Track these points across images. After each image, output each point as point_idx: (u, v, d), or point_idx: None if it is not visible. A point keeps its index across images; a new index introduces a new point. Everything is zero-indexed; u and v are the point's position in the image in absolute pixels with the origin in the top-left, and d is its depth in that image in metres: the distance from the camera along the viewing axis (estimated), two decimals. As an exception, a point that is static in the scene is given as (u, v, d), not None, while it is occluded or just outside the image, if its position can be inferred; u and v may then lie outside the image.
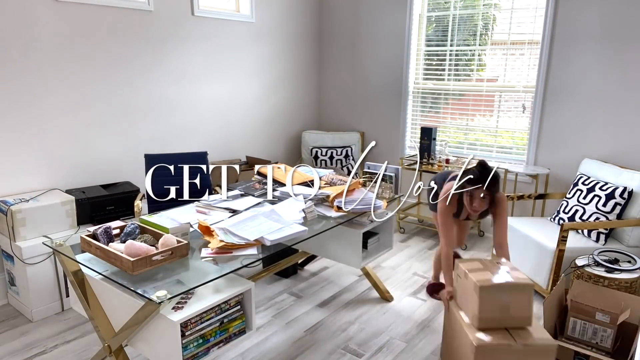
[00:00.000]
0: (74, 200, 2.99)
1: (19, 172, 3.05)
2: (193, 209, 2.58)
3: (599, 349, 2.38)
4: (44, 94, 3.09)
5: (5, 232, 2.86)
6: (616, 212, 3.04)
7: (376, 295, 3.22)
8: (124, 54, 3.46)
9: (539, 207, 4.05)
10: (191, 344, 1.83)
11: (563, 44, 3.70)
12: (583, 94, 3.69)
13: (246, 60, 4.38)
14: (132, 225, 2.10)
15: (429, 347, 2.63)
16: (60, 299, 2.97)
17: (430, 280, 3.29)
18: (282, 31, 4.68)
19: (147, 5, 3.52)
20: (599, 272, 2.72)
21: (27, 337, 2.70)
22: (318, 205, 2.62)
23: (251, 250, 2.05)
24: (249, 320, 2.03)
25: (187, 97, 3.95)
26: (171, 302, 1.85)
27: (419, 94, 4.62)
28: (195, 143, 4.08)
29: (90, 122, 3.35)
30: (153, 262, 1.86)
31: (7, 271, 3.00)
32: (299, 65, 4.95)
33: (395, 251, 3.97)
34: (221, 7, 4.13)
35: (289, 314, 2.96)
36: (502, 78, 4.12)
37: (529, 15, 3.89)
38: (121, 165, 3.58)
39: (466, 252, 3.94)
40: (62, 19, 3.09)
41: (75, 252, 2.06)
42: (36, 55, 3.01)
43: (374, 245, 2.94)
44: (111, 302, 1.99)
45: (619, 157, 3.61)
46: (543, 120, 3.91)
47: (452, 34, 4.31)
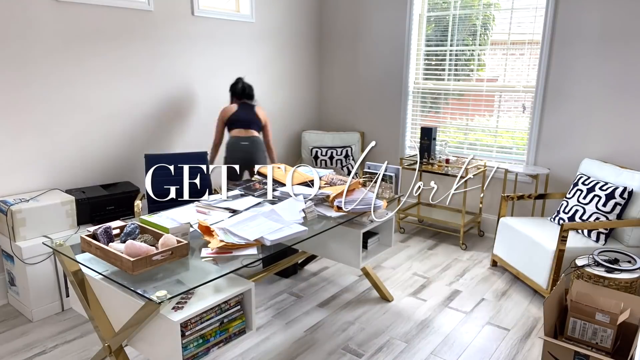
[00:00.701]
0: (74, 200, 2.99)
1: (19, 172, 3.05)
2: (193, 209, 2.58)
3: (599, 349, 2.38)
4: (44, 94, 3.09)
5: (5, 232, 2.86)
6: (616, 212, 3.04)
7: (376, 295, 3.22)
8: (124, 54, 3.46)
9: (539, 207, 4.05)
10: (191, 344, 1.83)
11: (563, 44, 3.70)
12: (583, 93, 3.69)
13: (246, 60, 4.38)
14: (132, 225, 2.10)
15: (429, 347, 2.63)
16: (60, 299, 2.97)
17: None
18: (282, 31, 4.68)
19: (147, 5, 3.52)
20: (599, 272, 2.72)
21: (27, 337, 2.70)
22: (318, 205, 2.62)
23: (251, 250, 2.05)
24: (249, 320, 2.03)
25: (187, 97, 3.95)
26: (171, 302, 1.85)
27: (418, 94, 4.62)
28: (195, 143, 4.09)
29: (90, 122, 3.35)
30: (153, 262, 1.86)
31: (7, 271, 3.00)
32: (299, 65, 4.95)
33: (395, 251, 3.97)
34: (221, 7, 4.13)
35: (289, 314, 2.96)
36: (502, 78, 4.12)
37: (529, 15, 3.89)
38: (121, 165, 3.58)
39: (466, 252, 3.95)
40: (62, 19, 3.09)
41: (75, 252, 2.06)
42: (36, 55, 3.01)
43: (374, 245, 2.94)
44: (111, 302, 1.99)
45: (619, 157, 3.61)
46: (543, 120, 3.91)
47: (452, 34, 4.31)
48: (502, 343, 2.69)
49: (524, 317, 2.96)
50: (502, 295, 3.23)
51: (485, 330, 2.81)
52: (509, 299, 3.18)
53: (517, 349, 2.63)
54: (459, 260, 3.81)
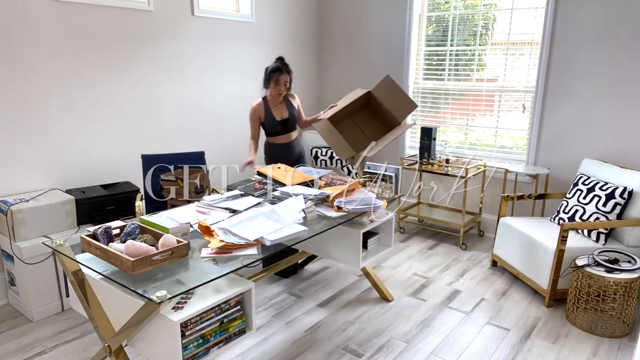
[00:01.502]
0: (74, 200, 2.99)
1: (19, 172, 3.05)
2: (193, 209, 2.58)
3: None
4: (44, 94, 3.09)
5: (5, 232, 2.86)
6: (616, 212, 3.04)
7: (376, 295, 3.22)
8: (124, 54, 3.46)
9: (539, 207, 4.05)
10: (191, 344, 1.83)
11: (563, 44, 3.70)
12: (583, 93, 3.69)
13: (246, 60, 4.38)
14: (132, 225, 2.10)
15: (429, 347, 2.63)
16: (60, 299, 2.97)
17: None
18: (282, 31, 4.68)
19: (147, 5, 3.52)
20: (599, 272, 2.72)
21: (27, 337, 2.70)
22: (318, 205, 2.62)
23: (251, 250, 2.05)
24: (249, 320, 2.03)
25: (187, 97, 3.95)
26: (171, 302, 1.85)
27: (419, 93, 4.62)
28: (195, 143, 4.08)
29: (90, 122, 3.35)
30: (153, 262, 1.86)
31: (7, 271, 3.00)
32: (299, 65, 4.95)
33: (395, 251, 3.97)
34: (221, 7, 4.13)
35: (289, 314, 2.96)
36: (502, 78, 4.12)
37: (529, 15, 3.89)
38: (121, 165, 3.58)
39: (466, 252, 3.95)
40: (62, 19, 3.09)
41: (75, 252, 2.06)
42: (36, 55, 3.01)
43: (374, 245, 2.94)
44: (111, 302, 1.99)
45: (619, 157, 3.61)
46: (543, 120, 3.91)
47: (452, 34, 4.31)
48: (502, 343, 2.69)
49: (524, 317, 2.96)
50: (502, 295, 3.23)
51: (485, 330, 2.81)
52: (509, 299, 3.17)
53: (517, 349, 2.63)
54: (459, 260, 3.81)
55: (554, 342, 2.69)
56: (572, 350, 2.62)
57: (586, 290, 2.79)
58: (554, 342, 2.70)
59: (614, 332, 2.75)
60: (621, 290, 2.70)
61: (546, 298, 3.06)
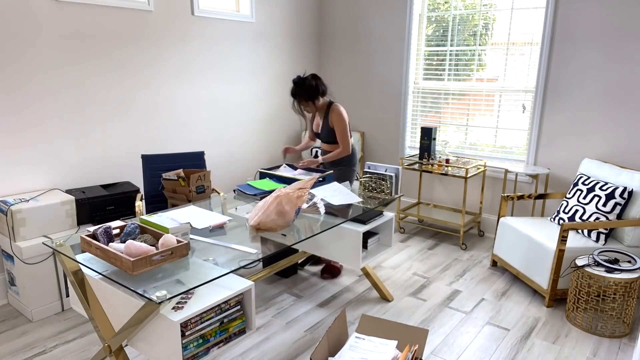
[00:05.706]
0: (74, 200, 2.99)
1: (19, 172, 3.05)
2: (193, 208, 2.58)
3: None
4: (44, 94, 3.09)
5: (5, 232, 2.86)
6: (616, 212, 3.04)
7: (376, 295, 3.22)
8: (124, 54, 3.46)
9: (539, 207, 4.05)
10: (191, 344, 1.83)
11: (563, 44, 3.70)
12: (583, 94, 3.69)
13: (246, 60, 4.38)
14: (132, 225, 2.10)
15: (429, 347, 2.63)
16: (60, 299, 2.97)
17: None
18: (282, 31, 4.68)
19: (147, 5, 3.52)
20: (599, 272, 2.72)
21: (27, 337, 2.70)
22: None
23: (251, 247, 2.05)
24: (249, 320, 2.04)
25: (187, 97, 3.95)
26: (171, 302, 1.85)
27: (419, 93, 4.62)
28: (195, 143, 4.08)
29: (90, 122, 3.35)
30: (153, 262, 1.86)
31: (7, 271, 3.00)
32: (299, 65, 4.95)
33: (395, 251, 3.97)
34: (221, 7, 4.13)
35: (289, 314, 2.96)
36: (502, 78, 4.12)
37: (529, 16, 3.89)
38: (121, 165, 3.58)
39: (466, 252, 3.95)
40: (62, 19, 3.09)
41: (75, 252, 2.06)
42: (36, 55, 3.01)
43: (374, 245, 2.95)
44: (111, 302, 1.99)
45: (619, 157, 3.61)
46: (543, 120, 3.91)
47: (452, 34, 4.31)
48: (502, 343, 2.69)
49: (524, 317, 2.96)
50: (502, 295, 3.23)
51: (485, 330, 2.81)
52: (509, 299, 3.18)
53: (517, 349, 2.63)
54: (459, 260, 3.81)
55: (554, 342, 2.69)
56: (572, 350, 2.62)
57: (586, 290, 2.79)
58: (554, 342, 2.70)
59: (614, 332, 2.75)
60: (621, 290, 2.70)
61: (546, 298, 3.06)
